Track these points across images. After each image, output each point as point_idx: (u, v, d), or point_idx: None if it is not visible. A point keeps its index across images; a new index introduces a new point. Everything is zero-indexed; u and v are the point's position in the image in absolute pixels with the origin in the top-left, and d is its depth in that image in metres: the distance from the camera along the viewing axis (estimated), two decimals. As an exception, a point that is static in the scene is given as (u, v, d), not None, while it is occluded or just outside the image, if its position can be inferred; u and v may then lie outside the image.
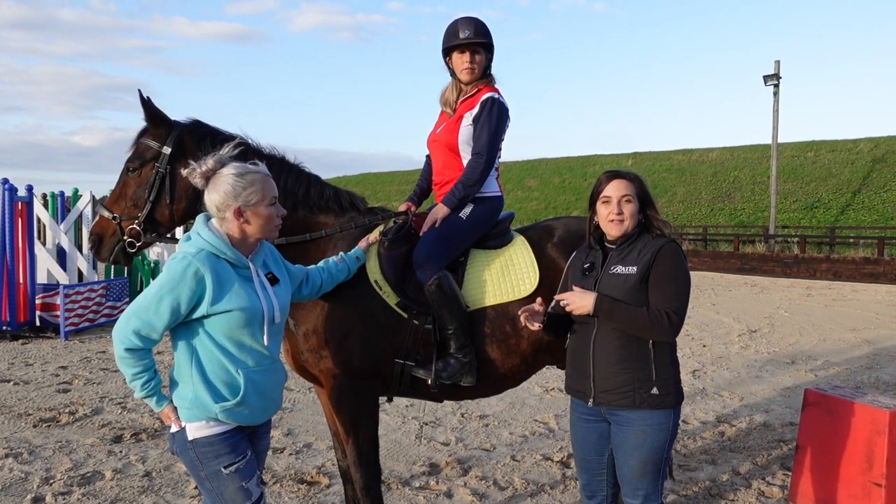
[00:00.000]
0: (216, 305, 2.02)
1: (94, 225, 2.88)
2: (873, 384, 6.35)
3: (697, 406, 5.58)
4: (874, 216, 23.43)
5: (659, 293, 2.31)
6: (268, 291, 2.17)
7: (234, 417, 2.09)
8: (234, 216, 2.11)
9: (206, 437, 2.08)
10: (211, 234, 2.11)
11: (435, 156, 3.17)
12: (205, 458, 2.08)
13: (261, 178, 2.15)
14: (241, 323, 2.06)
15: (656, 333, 2.29)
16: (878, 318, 10.49)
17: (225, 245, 2.11)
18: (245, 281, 2.12)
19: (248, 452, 2.16)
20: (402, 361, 2.84)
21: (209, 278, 2.02)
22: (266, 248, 2.31)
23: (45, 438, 4.61)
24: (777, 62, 22.48)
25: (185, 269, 2.01)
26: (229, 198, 2.10)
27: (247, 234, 2.15)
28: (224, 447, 2.09)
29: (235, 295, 2.05)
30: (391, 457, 4.33)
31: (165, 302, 2.00)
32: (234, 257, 2.11)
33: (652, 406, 2.33)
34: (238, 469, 2.10)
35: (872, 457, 3.19)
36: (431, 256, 2.82)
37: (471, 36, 2.98)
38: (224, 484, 2.10)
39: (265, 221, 2.15)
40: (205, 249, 2.07)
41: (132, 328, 2.01)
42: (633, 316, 2.28)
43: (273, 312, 2.15)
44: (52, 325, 8.49)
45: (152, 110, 2.81)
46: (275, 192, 2.19)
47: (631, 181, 2.43)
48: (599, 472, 2.51)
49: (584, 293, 2.33)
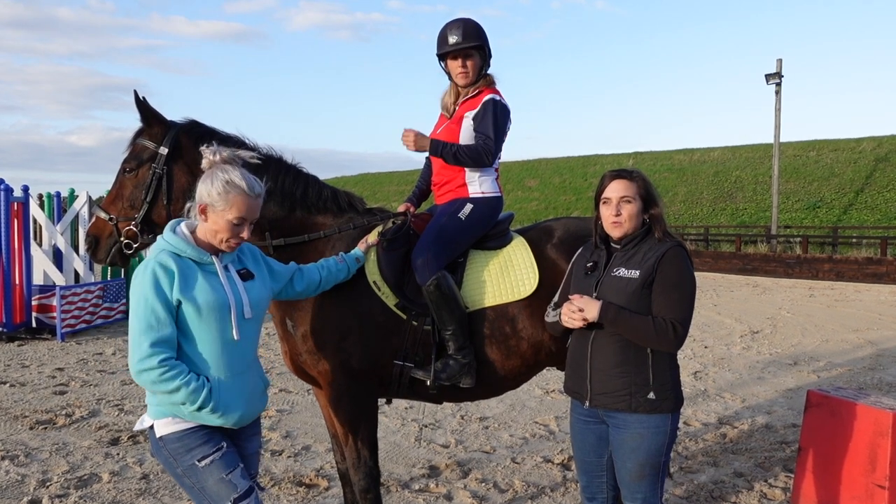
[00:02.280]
0: (183, 294, 2.02)
1: (90, 226, 2.87)
2: (876, 385, 6.31)
3: (699, 407, 5.55)
4: (877, 216, 23.36)
5: (664, 302, 2.27)
6: (236, 285, 2.15)
7: (199, 419, 2.05)
8: (199, 211, 2.13)
9: (174, 432, 2.05)
10: (172, 236, 2.13)
11: (434, 157, 3.15)
12: (177, 453, 2.05)
13: (242, 196, 2.10)
14: (207, 316, 2.04)
15: (660, 344, 2.26)
16: (882, 319, 10.45)
17: (185, 244, 2.11)
18: (210, 276, 2.11)
19: (224, 444, 2.10)
20: (401, 363, 2.83)
21: (175, 268, 2.03)
22: (242, 246, 2.30)
23: (42, 441, 4.59)
24: (779, 60, 22.44)
25: (154, 267, 2.02)
26: (204, 193, 2.11)
27: (206, 232, 2.14)
28: (194, 440, 2.05)
29: (199, 287, 2.05)
30: (390, 459, 4.30)
31: (157, 303, 1.99)
32: (195, 254, 2.11)
33: (648, 410, 2.30)
34: (213, 461, 2.05)
35: (875, 459, 3.16)
36: (430, 257, 2.80)
37: (460, 41, 2.96)
38: (203, 478, 2.05)
39: (218, 229, 2.11)
40: (165, 250, 2.09)
41: (147, 345, 1.96)
42: (638, 326, 2.25)
43: (242, 307, 2.12)
44: (49, 327, 8.43)
45: (148, 111, 2.80)
46: (248, 215, 2.13)
47: (633, 181, 2.38)
48: (599, 474, 2.49)
49: (588, 300, 2.29)
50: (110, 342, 8.16)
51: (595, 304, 2.27)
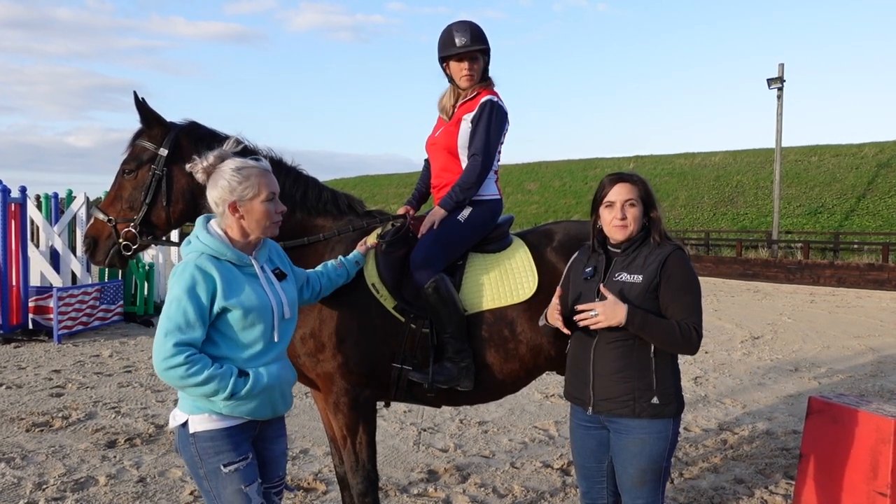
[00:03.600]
0: (229, 301, 2.01)
1: (88, 227, 2.86)
2: (878, 392, 6.29)
3: (699, 413, 5.52)
4: (879, 222, 23.33)
5: (679, 306, 2.26)
6: (275, 287, 2.16)
7: (238, 410, 2.04)
8: (230, 211, 2.10)
9: (209, 430, 2.04)
10: (209, 237, 2.10)
11: (433, 159, 3.15)
12: (205, 453, 2.04)
13: (258, 173, 2.12)
14: (252, 320, 2.05)
15: (684, 348, 2.26)
16: (883, 326, 10.42)
17: (224, 246, 2.09)
18: (251, 279, 2.11)
19: (251, 455, 2.11)
20: (399, 365, 2.81)
21: (216, 274, 2.01)
22: (270, 244, 2.30)
23: (38, 443, 4.56)
24: (781, 65, 22.45)
25: (193, 272, 2.00)
26: (225, 192, 2.09)
27: (245, 231, 2.13)
28: (226, 444, 2.05)
29: (244, 293, 2.04)
30: (389, 463, 4.28)
31: (190, 307, 1.97)
32: (234, 257, 2.09)
33: (652, 415, 2.29)
34: (238, 469, 2.06)
35: (877, 466, 3.14)
36: (429, 259, 2.79)
37: (468, 43, 2.94)
38: (223, 484, 2.06)
39: (261, 217, 2.12)
40: (205, 253, 2.06)
41: (171, 345, 1.93)
42: (664, 331, 2.23)
43: (282, 308, 2.14)
44: (46, 329, 8.39)
45: (147, 112, 2.80)
46: (274, 188, 2.16)
47: (634, 184, 2.38)
48: (599, 479, 2.47)
49: (614, 304, 2.24)
50: (107, 344, 8.13)
51: (622, 308, 2.23)
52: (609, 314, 2.23)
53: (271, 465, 2.25)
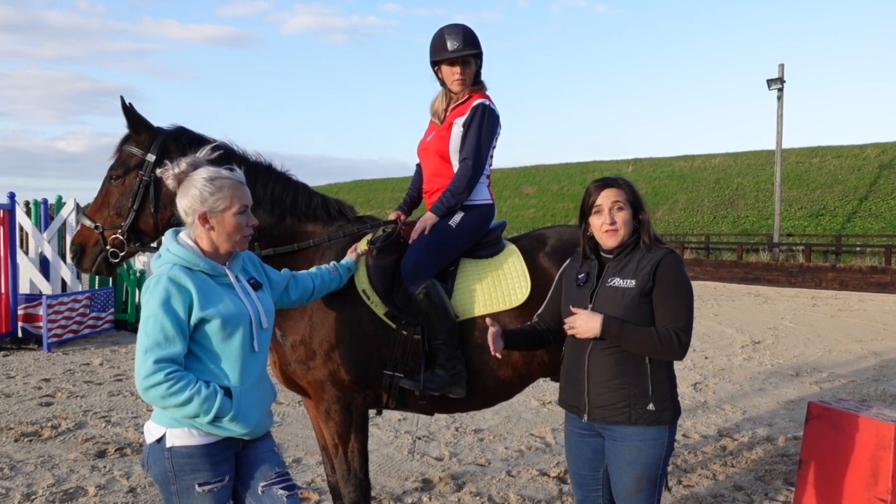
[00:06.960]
0: (206, 311, 1.96)
1: (75, 234, 2.84)
2: (880, 397, 6.23)
3: (699, 419, 5.46)
4: (881, 224, 23.26)
5: (666, 312, 2.25)
6: (251, 296, 2.12)
7: (214, 430, 1.98)
8: (199, 222, 2.04)
9: (187, 447, 1.97)
10: (180, 248, 2.04)
11: (425, 163, 3.12)
12: (181, 470, 1.97)
13: (231, 185, 2.07)
14: (231, 331, 2.00)
15: (665, 354, 2.24)
16: (886, 329, 10.36)
17: (196, 256, 2.04)
18: (227, 289, 2.06)
19: (227, 478, 2.04)
20: (391, 373, 2.78)
21: (191, 285, 1.96)
22: (243, 253, 2.25)
23: (27, 453, 4.51)
24: (781, 65, 22.36)
25: (166, 284, 1.94)
26: (196, 202, 2.03)
27: (214, 242, 2.08)
28: (204, 463, 1.99)
29: (222, 303, 1.99)
30: (383, 472, 4.23)
31: (167, 321, 1.91)
32: (208, 267, 2.04)
33: (647, 422, 2.26)
34: (213, 491, 1.99)
35: (877, 472, 3.10)
36: (420, 265, 2.76)
37: (460, 48, 2.92)
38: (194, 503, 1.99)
39: (232, 230, 2.07)
40: (177, 264, 2.01)
41: (152, 362, 1.88)
42: (642, 338, 2.22)
43: (259, 317, 2.09)
44: (35, 337, 8.30)
45: (135, 117, 2.78)
46: (246, 201, 2.11)
47: (621, 188, 2.36)
48: (594, 487, 2.45)
49: (589, 315, 2.26)
50: (97, 352, 8.07)
51: (597, 318, 2.24)
52: (583, 327, 2.25)
53: (260, 463, 2.16)
